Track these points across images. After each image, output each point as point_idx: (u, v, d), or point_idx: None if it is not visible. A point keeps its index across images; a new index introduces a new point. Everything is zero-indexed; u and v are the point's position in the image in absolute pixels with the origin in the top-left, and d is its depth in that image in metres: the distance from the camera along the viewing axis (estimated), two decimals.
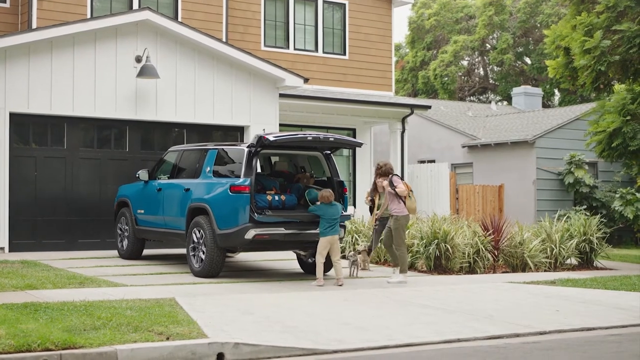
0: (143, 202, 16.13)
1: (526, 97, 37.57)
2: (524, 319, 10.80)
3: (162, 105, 19.24)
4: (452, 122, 32.08)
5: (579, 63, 18.92)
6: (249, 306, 10.99)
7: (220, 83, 19.99)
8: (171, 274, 14.50)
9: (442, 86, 46.41)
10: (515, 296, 13.02)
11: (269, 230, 13.48)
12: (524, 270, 16.84)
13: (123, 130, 19.10)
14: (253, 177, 13.50)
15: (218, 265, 13.81)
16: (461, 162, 30.68)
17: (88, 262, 15.84)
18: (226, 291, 12.47)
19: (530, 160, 28.13)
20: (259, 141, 13.47)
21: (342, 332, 9.51)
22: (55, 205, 18.13)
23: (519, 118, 32.25)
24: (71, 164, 18.35)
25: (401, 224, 14.11)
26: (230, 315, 10.21)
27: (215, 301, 11.28)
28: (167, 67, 19.29)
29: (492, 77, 50.84)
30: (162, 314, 9.70)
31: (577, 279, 15.06)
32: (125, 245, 16.64)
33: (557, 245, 17.41)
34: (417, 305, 11.65)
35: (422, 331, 9.75)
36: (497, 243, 16.76)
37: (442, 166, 27.64)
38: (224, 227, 13.56)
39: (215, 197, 13.84)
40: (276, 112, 20.80)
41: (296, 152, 14.72)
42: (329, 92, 24.97)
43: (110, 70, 18.62)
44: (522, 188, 28.31)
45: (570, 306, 12.08)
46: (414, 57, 49.24)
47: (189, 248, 14.26)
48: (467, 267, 16.29)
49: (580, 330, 10.33)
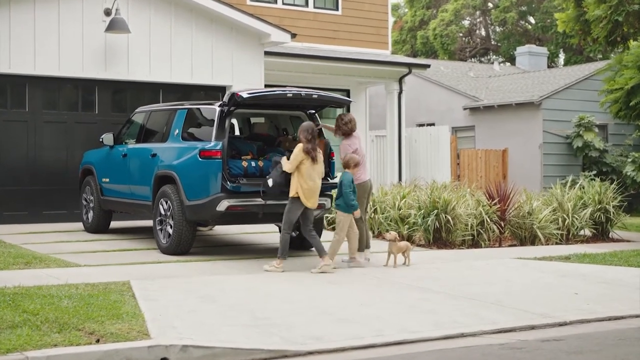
0: (108, 170, 14.44)
1: (530, 57, 35.71)
2: (538, 304, 9.14)
3: (135, 63, 17.46)
4: (452, 83, 30.30)
5: (592, 14, 17.22)
6: (215, 291, 9.34)
7: (200, 39, 18.20)
8: (137, 250, 12.85)
9: (442, 47, 44.47)
10: (526, 275, 11.36)
11: (243, 202, 11.77)
12: (533, 243, 15.18)
13: (91, 91, 17.32)
14: (226, 141, 11.78)
15: (187, 241, 12.13)
16: (462, 125, 28.95)
17: (48, 237, 14.18)
18: (193, 272, 10.81)
19: (536, 123, 26.39)
20: (231, 99, 11.73)
21: (322, 325, 7.86)
22: (17, 173, 16.40)
23: (523, 78, 30.46)
24: (34, 128, 16.61)
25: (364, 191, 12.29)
26: (190, 303, 8.55)
27: (176, 285, 9.63)
28: (140, 21, 17.48)
29: (494, 38, 48.89)
30: (104, 304, 8.04)
31: (594, 254, 13.38)
32: (91, 218, 14.96)
33: (570, 215, 15.72)
34: (413, 289, 9.99)
35: (419, 323, 8.09)
36: (504, 213, 15.07)
37: (442, 129, 25.92)
38: (193, 197, 11.87)
39: (183, 163, 12.14)
40: (261, 70, 19.03)
41: (277, 112, 12.93)
42: (320, 50, 23.18)
43: (76, 25, 16.80)
44: (527, 152, 26.60)
45: (590, 287, 10.42)
46: (413, 16, 47.27)
47: (155, 221, 12.59)
48: (470, 240, 14.62)
49: (606, 319, 8.67)
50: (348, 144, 12.15)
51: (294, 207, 11.20)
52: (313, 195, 11.18)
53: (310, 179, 11.09)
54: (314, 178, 11.16)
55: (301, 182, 11.09)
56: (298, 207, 11.20)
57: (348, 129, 12.30)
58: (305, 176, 11.07)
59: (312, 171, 11.11)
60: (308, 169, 11.08)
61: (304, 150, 11.07)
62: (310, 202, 11.16)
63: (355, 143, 12.20)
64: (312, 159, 11.05)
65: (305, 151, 11.07)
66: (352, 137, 12.27)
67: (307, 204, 11.15)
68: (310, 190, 11.11)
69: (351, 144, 12.16)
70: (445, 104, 29.52)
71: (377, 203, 15.50)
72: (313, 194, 11.17)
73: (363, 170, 12.19)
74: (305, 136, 11.13)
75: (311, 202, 11.18)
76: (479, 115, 28.32)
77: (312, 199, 11.19)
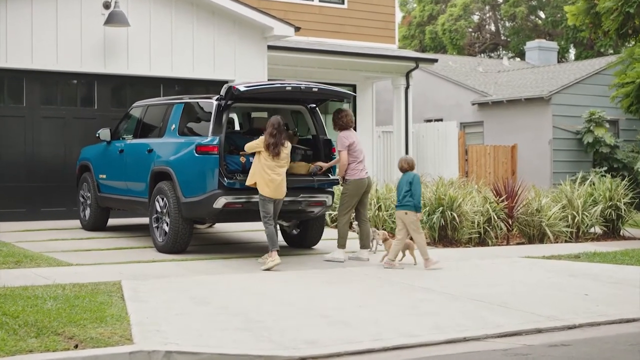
0: (105, 166, 14.08)
1: (540, 52, 35.15)
2: (546, 306, 8.73)
3: (135, 57, 17.10)
4: (461, 78, 29.83)
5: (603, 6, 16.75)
6: (208, 292, 8.97)
7: (201, 33, 17.82)
8: (133, 248, 12.48)
9: (451, 42, 43.97)
10: (533, 275, 10.94)
11: (241, 198, 11.38)
12: (541, 241, 14.75)
13: (90, 86, 16.97)
14: (223, 136, 11.38)
15: (184, 239, 11.75)
16: (471, 120, 28.49)
17: (44, 235, 13.84)
18: (188, 271, 10.43)
19: (546, 118, 25.93)
20: (228, 92, 11.33)
21: (317, 328, 7.48)
22: (14, 170, 16.06)
23: (533, 73, 29.97)
24: (31, 123, 16.26)
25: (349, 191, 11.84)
26: (180, 305, 8.18)
27: (169, 285, 9.26)
28: (140, 15, 17.12)
29: (504, 33, 48.35)
30: (89, 306, 7.67)
31: (605, 253, 12.93)
32: (88, 215, 14.60)
33: (580, 212, 15.28)
34: (415, 289, 9.59)
35: (419, 326, 7.69)
36: (512, 210, 14.65)
37: (450, 125, 25.47)
38: (190, 194, 11.49)
39: (179, 159, 11.76)
40: (264, 64, 18.65)
41: (278, 106, 12.51)
42: (326, 44, 22.77)
43: (75, 18, 16.43)
44: (536, 148, 26.13)
45: (600, 288, 10.00)
46: (422, 11, 46.77)
47: (151, 219, 12.22)
48: (477, 239, 14.21)
49: (617, 322, 8.25)
50: (344, 137, 11.82)
51: (262, 197, 10.97)
52: (273, 186, 10.92)
53: (270, 170, 10.90)
54: (276, 171, 10.93)
55: (261, 172, 10.91)
56: (266, 199, 10.96)
57: (343, 123, 11.98)
58: (265, 167, 10.90)
59: (272, 164, 10.92)
60: (268, 161, 10.90)
61: (264, 143, 10.89)
62: (266, 192, 10.92)
63: (352, 137, 11.83)
64: (274, 154, 10.83)
65: (265, 145, 10.88)
66: (348, 131, 11.91)
67: (263, 193, 10.92)
68: (271, 181, 10.90)
69: (347, 136, 11.82)
70: (453, 99, 29.08)
71: (382, 200, 15.10)
72: (272, 185, 10.91)
73: (362, 167, 11.81)
74: (270, 131, 10.94)
75: (267, 192, 10.92)
76: (487, 110, 27.87)
77: (270, 190, 10.92)
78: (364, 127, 24.41)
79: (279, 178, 10.95)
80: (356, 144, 11.85)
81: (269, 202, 11.00)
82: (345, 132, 11.93)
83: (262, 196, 11.00)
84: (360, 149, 11.89)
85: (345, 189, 11.82)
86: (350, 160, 11.80)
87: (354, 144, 11.77)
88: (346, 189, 11.83)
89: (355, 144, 11.84)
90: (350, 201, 11.88)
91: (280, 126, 10.98)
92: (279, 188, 10.98)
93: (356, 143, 11.86)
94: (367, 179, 11.92)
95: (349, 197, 11.80)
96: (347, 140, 11.82)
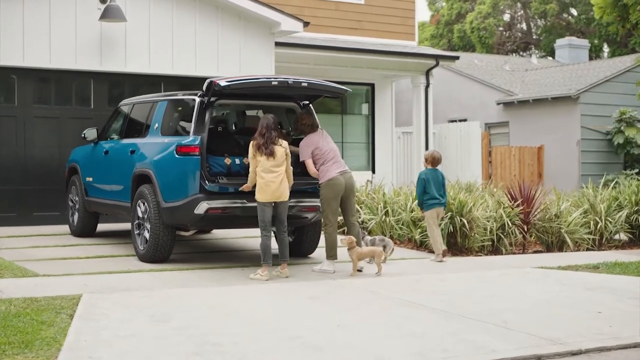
0: (91, 168, 13.25)
1: (571, 50, 33.94)
2: (551, 326, 7.70)
3: (133, 54, 16.29)
4: (486, 76, 28.72)
5: None
6: (173, 308, 8.05)
7: (204, 28, 16.97)
8: (114, 257, 11.62)
9: (479, 40, 42.79)
10: (544, 288, 9.89)
11: (225, 203, 10.47)
12: (561, 250, 13.67)
13: (86, 84, 16.16)
14: (205, 135, 10.47)
15: (165, 247, 10.85)
16: (496, 121, 27.39)
17: (28, 241, 13.04)
18: (163, 283, 9.53)
19: (574, 118, 24.77)
20: (209, 87, 10.42)
21: (283, 353, 6.53)
22: (5, 172, 15.30)
23: (561, 71, 28.78)
24: (23, 123, 15.49)
25: (324, 195, 10.84)
26: (134, 324, 7.27)
27: (132, 300, 8.36)
28: (139, 10, 16.31)
29: (536, 32, 47.06)
30: (24, 327, 6.78)
31: (627, 263, 11.81)
32: (76, 220, 13.79)
33: (603, 217, 14.15)
34: (406, 305, 8.59)
35: (399, 351, 6.70)
36: (528, 216, 13.58)
37: (473, 125, 24.40)
38: (170, 199, 10.60)
39: (159, 160, 10.88)
40: (271, 62, 17.75)
41: (269, 104, 11.55)
42: (342, 41, 21.83)
43: (69, 12, 15.66)
44: (564, 150, 24.97)
45: (617, 304, 8.93)
46: (450, 9, 45.65)
47: (133, 225, 11.35)
48: (489, 246, 13.18)
49: (631, 347, 7.20)
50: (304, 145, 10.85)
51: (261, 204, 10.06)
52: (269, 190, 10.03)
53: (266, 172, 10.03)
54: (273, 171, 10.04)
55: (257, 177, 10.07)
56: (264, 204, 10.05)
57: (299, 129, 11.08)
58: (259, 170, 10.03)
59: (268, 165, 10.03)
60: (263, 163, 10.03)
61: (255, 144, 10.04)
62: (261, 197, 10.05)
63: (313, 141, 10.77)
64: (267, 154, 9.95)
65: (256, 146, 10.02)
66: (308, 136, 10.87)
67: (258, 199, 10.06)
68: (266, 185, 10.02)
69: (307, 143, 10.82)
70: (478, 99, 27.99)
71: (389, 204, 14.12)
72: (269, 189, 10.01)
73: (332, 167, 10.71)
74: (260, 130, 10.10)
75: (262, 197, 10.04)
76: (513, 110, 26.75)
77: (266, 195, 10.03)
78: (382, 127, 23.45)
79: (277, 180, 10.04)
80: (320, 146, 10.79)
81: (267, 208, 10.10)
82: (306, 139, 10.91)
83: (259, 202, 10.11)
84: (329, 148, 10.76)
85: (321, 195, 10.79)
86: (320, 163, 10.78)
87: (318, 148, 10.76)
88: (321, 194, 10.78)
89: (320, 146, 10.79)
90: (329, 206, 10.77)
91: (269, 125, 10.06)
92: (278, 190, 10.07)
93: (320, 145, 10.80)
94: (343, 177, 10.74)
95: (325, 201, 10.74)
96: (308, 148, 10.81)
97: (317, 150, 10.67)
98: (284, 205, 10.29)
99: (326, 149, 10.71)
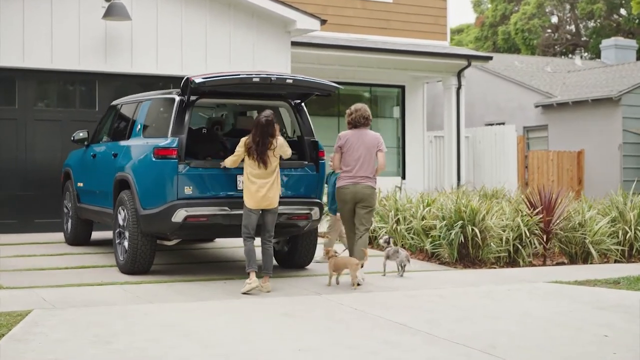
0: (82, 173, 12.59)
1: (617, 51, 32.57)
2: (546, 352, 6.73)
3: (140, 54, 15.64)
4: (525, 78, 27.57)
5: None
6: (124, 327, 7.26)
7: (215, 27, 16.26)
8: (96, 267, 10.90)
9: (524, 42, 41.50)
10: (552, 306, 8.89)
11: (205, 211, 9.67)
12: (585, 261, 12.60)
13: (91, 85, 15.56)
14: (184, 137, 9.69)
15: (145, 257, 10.07)
16: (534, 124, 26.24)
17: (17, 250, 12.40)
18: (128, 299, 8.75)
19: (615, 121, 23.54)
20: (185, 85, 9.64)
21: None
22: (5, 177, 14.75)
23: (604, 72, 27.51)
24: (24, 126, 14.92)
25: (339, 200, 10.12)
26: (70, 346, 6.50)
27: (83, 318, 7.59)
28: (146, 8, 15.66)
29: (585, 33, 45.59)
30: None
31: None
32: (69, 228, 13.11)
33: (633, 227, 13.04)
34: (389, 326, 7.67)
35: None
36: (548, 225, 12.55)
37: (508, 129, 23.31)
38: (148, 205, 9.83)
39: (137, 164, 10.13)
40: (287, 62, 16.97)
41: (257, 103, 10.71)
42: (369, 41, 20.96)
43: (72, 11, 15.06)
44: (605, 154, 23.75)
45: (628, 326, 7.90)
46: (494, 10, 44.44)
47: (114, 233, 10.61)
48: (506, 257, 12.18)
49: None
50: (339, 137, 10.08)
51: (246, 210, 9.27)
52: (258, 196, 9.22)
53: (253, 176, 9.21)
54: (261, 177, 9.22)
55: (246, 181, 9.28)
56: (251, 211, 9.21)
57: (348, 122, 10.13)
58: (247, 174, 9.25)
59: (256, 170, 9.23)
60: (251, 166, 9.23)
61: (246, 144, 9.27)
62: (248, 203, 9.26)
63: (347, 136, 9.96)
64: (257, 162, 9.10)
65: (247, 146, 9.25)
66: (348, 131, 10.07)
67: (246, 204, 9.29)
68: (257, 191, 9.23)
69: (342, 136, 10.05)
70: (516, 102, 26.87)
71: (400, 212, 13.20)
72: (258, 195, 9.21)
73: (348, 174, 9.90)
74: (253, 137, 9.27)
75: (250, 203, 9.26)
76: (552, 113, 25.58)
77: (254, 201, 9.24)
78: (413, 131, 22.53)
79: (266, 186, 9.22)
80: (350, 144, 9.94)
81: (254, 215, 9.30)
82: (344, 132, 10.11)
83: (246, 208, 9.31)
84: (358, 155, 9.91)
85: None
86: (344, 164, 9.98)
87: (346, 144, 9.93)
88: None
89: (350, 144, 9.94)
90: (342, 215, 10.11)
91: (262, 126, 9.22)
92: (265, 197, 9.24)
93: (350, 143, 9.94)
94: (352, 187, 9.93)
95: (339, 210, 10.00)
96: (340, 140, 10.01)
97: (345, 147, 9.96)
98: (272, 213, 9.46)
99: (355, 151, 9.89)
